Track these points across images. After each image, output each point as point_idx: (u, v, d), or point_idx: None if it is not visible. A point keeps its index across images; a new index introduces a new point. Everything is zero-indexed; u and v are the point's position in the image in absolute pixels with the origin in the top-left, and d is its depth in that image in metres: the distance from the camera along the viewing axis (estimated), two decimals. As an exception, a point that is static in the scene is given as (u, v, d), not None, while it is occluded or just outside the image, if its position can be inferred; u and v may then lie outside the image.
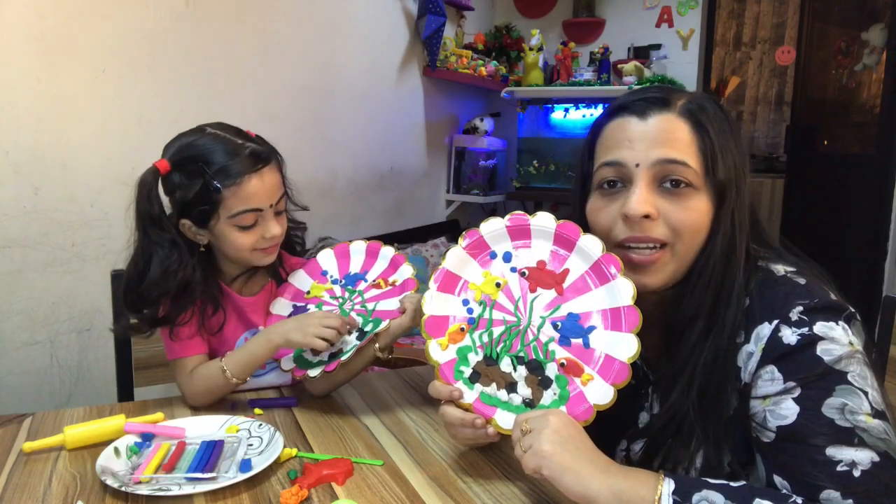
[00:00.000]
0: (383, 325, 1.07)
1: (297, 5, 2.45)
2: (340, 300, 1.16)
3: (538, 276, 0.86)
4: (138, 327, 1.08)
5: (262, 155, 1.07)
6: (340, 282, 1.19)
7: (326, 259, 1.22)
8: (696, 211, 0.77)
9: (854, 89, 3.84)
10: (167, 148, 1.08)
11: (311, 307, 1.16)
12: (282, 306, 1.18)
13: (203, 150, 1.04)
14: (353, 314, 1.12)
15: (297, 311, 1.16)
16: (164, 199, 1.08)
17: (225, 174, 1.02)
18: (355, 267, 1.21)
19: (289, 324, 1.07)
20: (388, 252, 1.19)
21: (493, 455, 0.92)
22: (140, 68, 1.91)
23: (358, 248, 1.22)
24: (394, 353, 1.15)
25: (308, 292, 1.19)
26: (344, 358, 1.05)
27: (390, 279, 1.16)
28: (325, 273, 1.21)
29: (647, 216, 0.76)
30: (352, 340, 1.08)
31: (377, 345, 1.08)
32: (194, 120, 1.14)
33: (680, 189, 0.77)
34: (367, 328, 1.09)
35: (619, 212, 0.79)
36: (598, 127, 0.84)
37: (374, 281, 1.17)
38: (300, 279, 1.21)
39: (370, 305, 1.13)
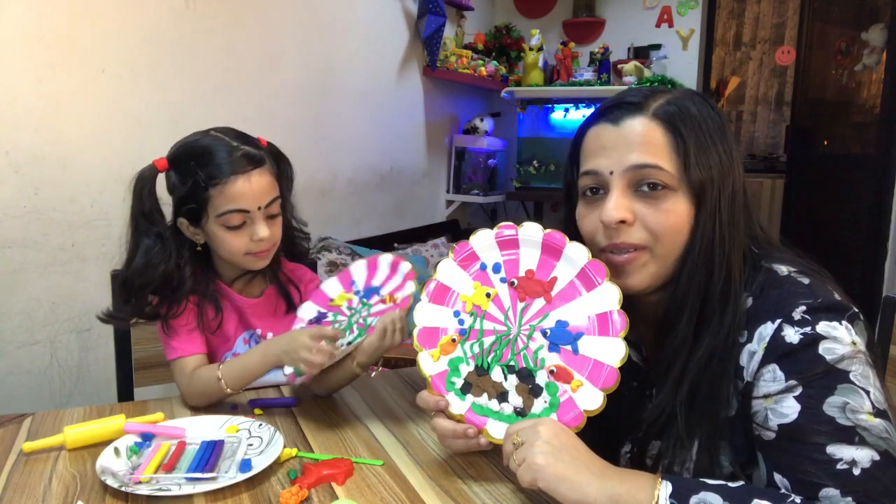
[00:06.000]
0: (357, 341, 1.05)
1: (297, 5, 2.45)
2: (353, 311, 1.15)
3: (527, 285, 0.86)
4: (121, 316, 1.11)
5: (254, 158, 1.08)
6: (360, 293, 1.18)
7: (358, 269, 1.21)
8: (673, 213, 0.76)
9: (854, 89, 3.84)
10: (171, 148, 1.11)
11: (330, 315, 1.15)
12: (307, 310, 1.17)
13: (199, 149, 1.07)
14: (354, 327, 1.09)
15: (320, 316, 1.15)
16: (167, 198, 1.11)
17: (212, 174, 1.05)
18: (378, 280, 1.19)
19: (281, 343, 1.05)
20: (405, 268, 1.16)
21: (492, 455, 0.92)
22: (140, 68, 1.91)
23: (385, 261, 1.19)
24: (377, 370, 1.14)
25: (333, 300, 1.18)
26: (315, 371, 1.02)
27: (396, 295, 1.13)
28: (353, 283, 1.19)
29: (623, 221, 0.77)
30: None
31: (355, 361, 1.06)
32: (194, 120, 1.15)
33: (657, 192, 0.76)
34: (349, 339, 1.06)
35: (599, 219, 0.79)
36: (580, 135, 0.85)
37: (383, 296, 1.15)
38: (332, 286, 1.20)
39: (370, 320, 1.10)
